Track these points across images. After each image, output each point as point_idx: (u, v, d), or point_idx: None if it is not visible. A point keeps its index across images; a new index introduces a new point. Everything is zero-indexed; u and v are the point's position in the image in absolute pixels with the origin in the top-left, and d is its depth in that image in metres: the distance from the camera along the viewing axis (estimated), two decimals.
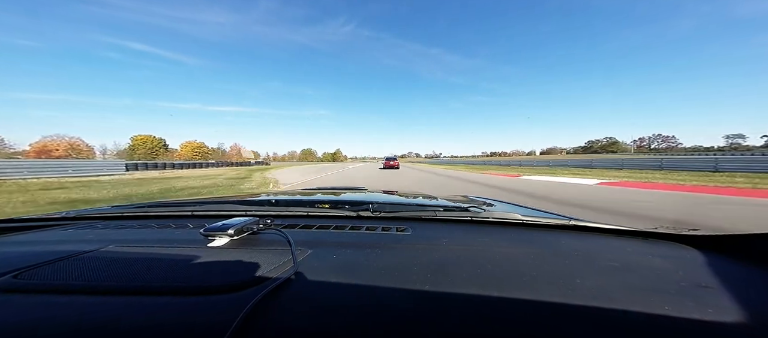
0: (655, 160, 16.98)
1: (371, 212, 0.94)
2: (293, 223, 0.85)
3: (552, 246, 0.69)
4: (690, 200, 5.40)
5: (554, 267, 0.56)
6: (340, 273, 0.52)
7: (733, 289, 0.47)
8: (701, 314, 0.40)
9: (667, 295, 0.45)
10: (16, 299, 0.44)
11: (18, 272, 0.49)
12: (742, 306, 0.42)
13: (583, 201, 5.50)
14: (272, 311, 0.40)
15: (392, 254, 0.61)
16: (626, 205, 5.00)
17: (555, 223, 0.87)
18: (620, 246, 0.69)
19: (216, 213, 1.01)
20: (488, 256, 0.61)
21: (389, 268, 0.54)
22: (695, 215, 4.19)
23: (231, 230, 0.63)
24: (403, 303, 0.43)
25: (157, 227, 0.85)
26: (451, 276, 0.51)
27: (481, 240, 0.73)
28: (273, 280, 0.46)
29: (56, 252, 0.59)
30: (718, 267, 0.56)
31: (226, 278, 0.48)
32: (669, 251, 0.65)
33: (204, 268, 0.53)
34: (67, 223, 0.94)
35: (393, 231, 0.78)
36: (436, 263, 0.56)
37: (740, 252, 0.60)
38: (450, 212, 0.97)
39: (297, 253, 0.57)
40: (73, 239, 0.75)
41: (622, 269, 0.55)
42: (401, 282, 0.48)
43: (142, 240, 0.73)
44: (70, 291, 0.45)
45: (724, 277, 0.52)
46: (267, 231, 0.73)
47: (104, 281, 0.48)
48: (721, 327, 0.38)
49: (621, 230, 0.79)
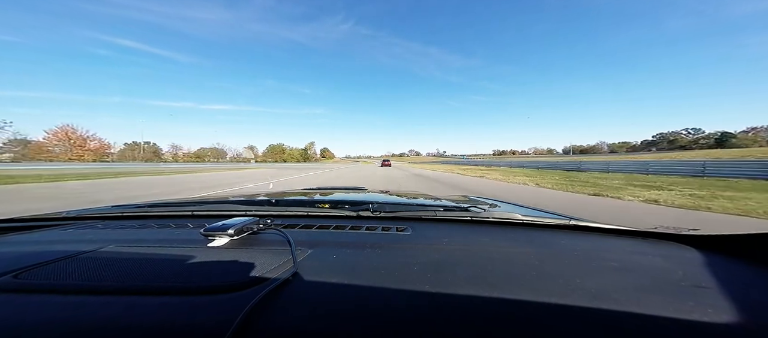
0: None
1: (371, 212, 0.94)
2: (293, 223, 0.85)
3: (552, 246, 0.69)
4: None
5: (554, 267, 0.56)
6: (340, 273, 0.52)
7: (733, 289, 0.47)
8: (701, 314, 0.40)
9: (667, 295, 0.45)
10: (16, 299, 0.44)
11: (18, 272, 0.49)
12: (742, 306, 0.42)
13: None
14: (272, 311, 0.40)
15: (392, 254, 0.61)
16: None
17: (555, 223, 0.87)
18: (620, 246, 0.69)
19: (216, 213, 1.01)
20: (488, 256, 0.61)
21: (389, 268, 0.54)
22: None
23: (231, 230, 0.63)
24: (404, 303, 0.43)
25: (157, 227, 0.85)
26: (452, 276, 0.50)
27: (481, 240, 0.74)
28: (273, 280, 0.46)
29: (56, 252, 0.59)
30: (718, 267, 0.56)
31: (226, 278, 0.48)
32: (669, 251, 0.65)
33: (204, 268, 0.53)
34: (67, 223, 0.94)
35: (393, 231, 0.78)
36: (436, 263, 0.56)
37: (740, 252, 0.60)
38: (450, 212, 0.97)
39: (297, 253, 0.57)
40: (73, 239, 0.75)
41: (622, 269, 0.55)
42: (401, 282, 0.48)
43: (142, 240, 0.73)
44: (70, 291, 0.45)
45: (724, 277, 0.52)
46: (267, 231, 0.73)
47: (104, 281, 0.48)
48: (721, 327, 0.38)
49: (621, 230, 0.79)
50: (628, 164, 18.07)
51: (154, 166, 40.26)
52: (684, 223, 1.93)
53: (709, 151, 66.27)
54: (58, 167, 26.83)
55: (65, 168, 24.03)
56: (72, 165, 36.38)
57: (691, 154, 49.89)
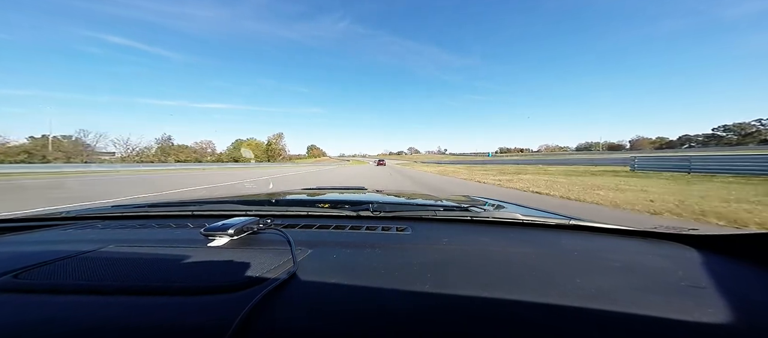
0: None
1: (371, 212, 0.94)
2: (293, 223, 0.85)
3: (552, 246, 0.69)
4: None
5: (554, 267, 0.56)
6: (340, 272, 0.52)
7: (733, 289, 0.47)
8: (701, 314, 0.40)
9: (667, 295, 0.45)
10: (16, 299, 0.44)
11: (18, 272, 0.49)
12: (742, 306, 0.42)
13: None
14: (272, 311, 0.40)
15: (392, 254, 0.61)
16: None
17: (555, 223, 0.87)
18: (620, 246, 0.69)
19: (216, 212, 1.01)
20: (488, 256, 0.61)
21: (389, 268, 0.54)
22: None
23: (231, 230, 0.63)
24: (403, 303, 0.43)
25: (157, 227, 0.86)
26: (452, 276, 0.50)
27: (481, 240, 0.74)
28: (273, 280, 0.46)
29: (56, 252, 0.59)
30: (718, 267, 0.56)
31: (226, 278, 0.48)
32: (669, 251, 0.65)
33: (204, 268, 0.53)
34: (67, 223, 0.94)
35: (393, 231, 0.78)
36: (436, 263, 0.56)
37: (740, 252, 0.60)
38: (450, 212, 0.97)
39: (297, 253, 0.57)
40: (73, 239, 0.75)
41: (622, 269, 0.55)
42: (401, 282, 0.48)
43: (142, 240, 0.73)
44: (70, 291, 0.45)
45: (724, 277, 0.52)
46: (267, 230, 0.73)
47: (104, 281, 0.48)
48: (721, 327, 0.38)
49: (621, 230, 0.79)
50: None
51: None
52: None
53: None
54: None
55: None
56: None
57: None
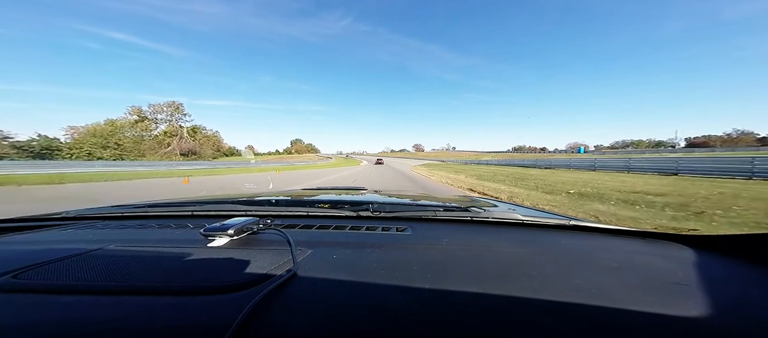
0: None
1: (371, 212, 0.94)
2: (293, 223, 0.85)
3: (552, 246, 0.69)
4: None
5: (554, 266, 0.56)
6: (340, 272, 0.52)
7: (731, 289, 0.47)
8: (700, 314, 0.40)
9: (666, 295, 0.45)
10: (16, 299, 0.44)
11: (18, 272, 0.49)
12: (741, 306, 0.42)
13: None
14: (272, 311, 0.40)
15: (392, 254, 0.61)
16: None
17: (555, 223, 0.88)
18: (619, 246, 0.69)
19: (216, 213, 1.01)
20: (488, 256, 0.61)
21: (389, 268, 0.54)
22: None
23: (231, 230, 0.63)
24: (404, 303, 0.43)
25: (157, 227, 0.86)
26: (451, 276, 0.51)
27: (481, 240, 0.74)
28: (273, 280, 0.46)
29: (56, 252, 0.59)
30: (717, 267, 0.56)
31: (226, 278, 0.48)
32: (668, 251, 0.65)
33: (204, 268, 0.53)
34: (67, 223, 0.94)
35: (393, 231, 0.78)
36: (436, 263, 0.56)
37: (739, 252, 0.60)
38: (450, 212, 0.97)
39: (297, 253, 0.57)
40: (73, 239, 0.75)
41: (622, 269, 0.55)
42: (401, 282, 0.48)
43: (142, 240, 0.73)
44: (70, 291, 0.45)
45: (723, 277, 0.52)
46: (267, 231, 0.73)
47: (104, 281, 0.48)
48: (720, 327, 0.38)
49: (620, 230, 0.79)
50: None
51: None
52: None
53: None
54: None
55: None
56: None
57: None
